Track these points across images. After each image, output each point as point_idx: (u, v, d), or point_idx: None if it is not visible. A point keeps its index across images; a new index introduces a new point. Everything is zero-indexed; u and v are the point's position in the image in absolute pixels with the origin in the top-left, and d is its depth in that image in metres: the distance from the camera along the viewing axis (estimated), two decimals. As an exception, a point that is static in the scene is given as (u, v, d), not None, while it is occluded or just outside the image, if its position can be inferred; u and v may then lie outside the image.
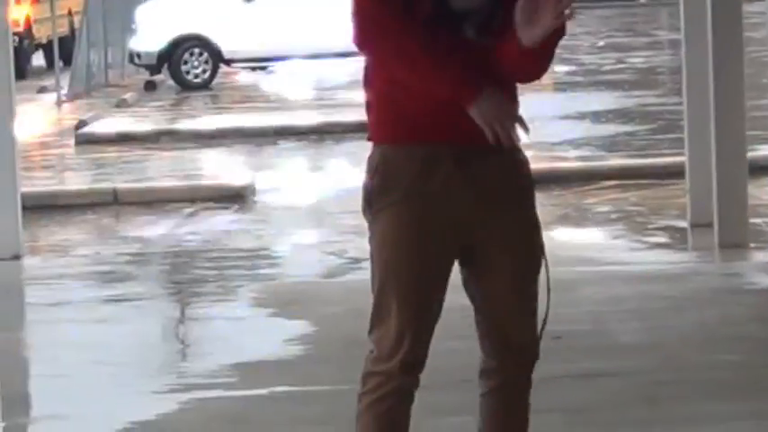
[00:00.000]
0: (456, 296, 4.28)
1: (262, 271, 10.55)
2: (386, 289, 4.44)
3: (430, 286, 4.45)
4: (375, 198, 4.33)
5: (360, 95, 4.34)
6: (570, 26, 6.30)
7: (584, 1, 36.88)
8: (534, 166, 5.88)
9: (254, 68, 23.79)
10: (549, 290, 4.56)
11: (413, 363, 4.43)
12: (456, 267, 4.40)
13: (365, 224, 4.29)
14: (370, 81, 4.32)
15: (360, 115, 4.89)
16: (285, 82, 23.03)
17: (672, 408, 6.23)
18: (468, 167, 4.35)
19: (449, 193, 4.35)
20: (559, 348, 6.70)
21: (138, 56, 23.25)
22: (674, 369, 6.91)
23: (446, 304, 4.25)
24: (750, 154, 10.47)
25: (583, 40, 29.79)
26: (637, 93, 21.16)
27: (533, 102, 6.84)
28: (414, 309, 4.46)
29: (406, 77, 4.28)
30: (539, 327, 4.50)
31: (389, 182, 4.32)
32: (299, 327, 8.32)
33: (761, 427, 6.06)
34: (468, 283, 4.43)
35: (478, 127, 4.30)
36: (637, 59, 25.79)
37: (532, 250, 4.51)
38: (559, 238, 10.90)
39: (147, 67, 23.70)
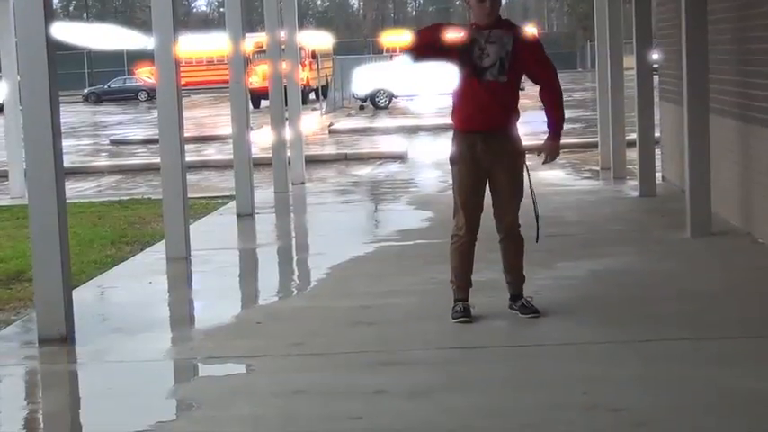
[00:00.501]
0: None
1: (411, 189, 16.34)
2: (457, 195, 7.77)
3: (473, 195, 7.72)
4: (453, 156, 7.79)
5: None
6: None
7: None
8: (531, 143, 11.30)
9: (407, 99, 41.09)
10: (536, 211, 7.98)
11: (471, 230, 7.77)
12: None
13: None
14: (453, 105, 7.84)
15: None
16: (421, 105, 37.12)
17: (593, 249, 10.59)
18: (490, 142, 7.68)
19: (479, 155, 7.66)
20: (543, 224, 11.39)
21: (356, 94, 41.48)
22: (593, 232, 11.65)
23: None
24: (627, 137, 15.54)
25: None
26: (576, 110, 33.00)
27: (533, 114, 9.74)
28: (469, 206, 7.75)
29: (415, 47, 7.72)
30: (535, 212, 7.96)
31: (457, 148, 7.74)
32: (428, 214, 13.43)
33: (633, 255, 10.10)
34: (492, 196, 7.73)
35: (491, 121, 7.59)
36: (576, 95, 40.35)
37: (518, 178, 7.80)
38: (541, 174, 16.87)
39: (360, 98, 42.50)
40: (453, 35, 7.76)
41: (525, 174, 7.91)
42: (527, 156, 7.95)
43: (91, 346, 7.87)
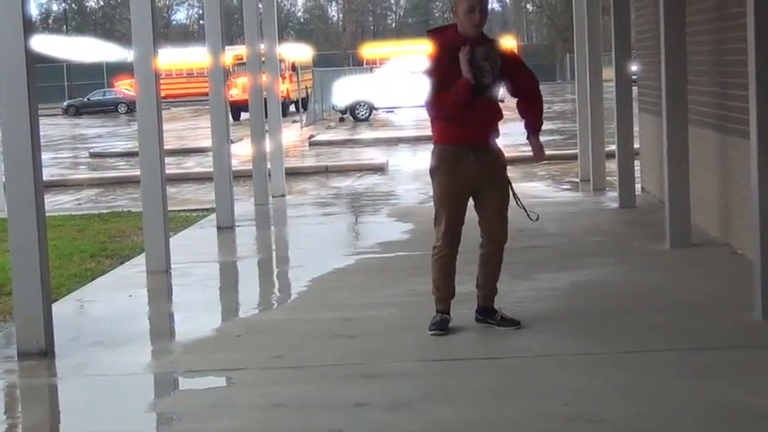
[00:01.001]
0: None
1: (391, 201, 16.30)
2: (440, 208, 7.76)
3: (457, 208, 7.70)
4: (435, 168, 7.75)
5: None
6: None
7: None
8: (510, 154, 11.33)
9: (386, 111, 41.62)
10: (520, 203, 7.95)
11: (453, 243, 7.77)
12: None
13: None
14: (432, 119, 7.80)
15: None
16: (401, 117, 37.83)
17: (574, 260, 10.53)
18: (476, 155, 7.63)
19: (467, 168, 7.63)
20: (524, 235, 11.28)
21: (336, 106, 41.51)
22: (574, 243, 11.68)
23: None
24: (606, 148, 15.56)
25: None
26: (556, 122, 32.94)
27: (513, 125, 9.56)
28: (452, 218, 7.72)
29: (448, 114, 7.57)
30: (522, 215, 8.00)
31: (441, 161, 7.71)
32: (408, 226, 13.44)
33: (614, 266, 10.14)
34: (477, 208, 7.75)
35: (481, 136, 7.64)
36: (556, 107, 41.06)
37: (505, 192, 7.77)
38: (522, 186, 17.00)
39: (341, 111, 42.79)
40: (455, 63, 7.70)
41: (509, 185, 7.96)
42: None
43: (71, 360, 7.82)
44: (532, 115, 8.00)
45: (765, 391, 6.40)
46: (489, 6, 7.79)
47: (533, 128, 7.96)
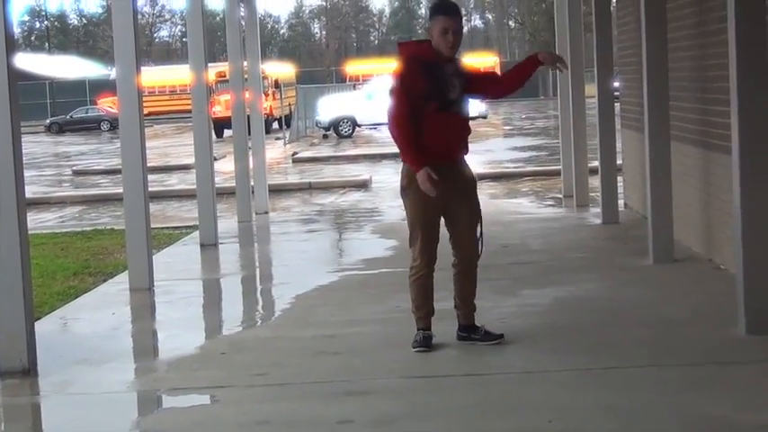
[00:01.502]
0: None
1: (375, 217, 16.31)
2: (414, 228, 7.80)
3: (431, 227, 7.73)
4: (406, 187, 7.68)
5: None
6: (509, 108, 11.12)
7: (514, 96, 67.74)
8: (494, 171, 11.44)
9: (370, 128, 41.87)
10: (481, 229, 7.77)
11: (430, 261, 7.77)
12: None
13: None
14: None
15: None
16: (384, 134, 35.45)
17: (557, 276, 10.56)
18: (446, 172, 7.56)
19: (442, 185, 7.52)
20: (508, 251, 11.83)
21: (319, 123, 41.87)
22: (557, 259, 11.65)
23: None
24: (588, 164, 15.61)
25: (515, 115, 50.01)
26: (539, 138, 33.35)
27: (496, 142, 9.46)
28: (427, 237, 7.73)
29: (399, 144, 7.53)
30: (479, 245, 7.73)
31: (412, 180, 7.61)
32: (392, 242, 13.40)
33: (597, 282, 10.15)
34: (447, 226, 7.72)
35: (450, 152, 7.58)
36: (539, 123, 41.52)
37: (475, 210, 7.76)
38: (505, 203, 17.19)
39: (324, 128, 42.91)
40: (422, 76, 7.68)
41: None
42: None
43: (54, 379, 7.79)
44: (522, 71, 8.00)
45: (748, 406, 6.41)
46: (465, 26, 7.97)
47: (533, 63, 7.98)
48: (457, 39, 7.70)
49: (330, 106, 43.47)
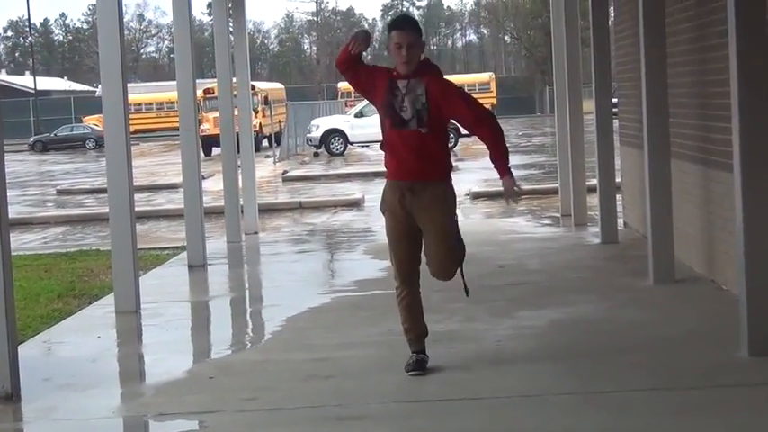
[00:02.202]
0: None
1: (367, 237, 16.42)
2: (390, 247, 7.86)
3: (400, 245, 7.77)
4: (380, 206, 7.94)
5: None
6: (505, 125, 11.02)
7: (510, 113, 71.57)
8: (489, 189, 11.33)
9: (362, 146, 42.28)
10: (462, 254, 7.76)
11: (405, 281, 7.80)
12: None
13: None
14: (384, 157, 7.85)
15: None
16: (377, 151, 35.63)
17: (555, 297, 10.59)
18: (414, 192, 7.66)
19: (405, 204, 7.68)
20: (504, 272, 11.85)
21: (311, 140, 42.08)
22: (555, 280, 11.68)
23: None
24: (586, 183, 15.69)
25: (511, 132, 49.08)
26: (536, 155, 33.72)
27: (486, 160, 9.37)
28: (399, 257, 7.80)
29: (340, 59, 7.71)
30: (452, 267, 7.68)
31: (383, 199, 7.86)
32: (385, 263, 12.62)
33: (596, 303, 10.20)
34: (423, 245, 7.74)
35: (415, 171, 7.59)
36: (536, 140, 42.46)
37: (440, 231, 7.65)
38: (501, 222, 17.21)
39: (315, 145, 43.00)
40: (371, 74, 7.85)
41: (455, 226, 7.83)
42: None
43: (38, 404, 7.77)
44: (490, 147, 7.76)
45: (750, 430, 6.40)
46: (459, 42, 7.90)
47: (496, 164, 7.76)
48: (411, 53, 7.63)
49: (321, 123, 43.58)
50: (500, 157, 7.75)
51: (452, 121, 7.90)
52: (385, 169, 7.98)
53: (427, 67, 7.80)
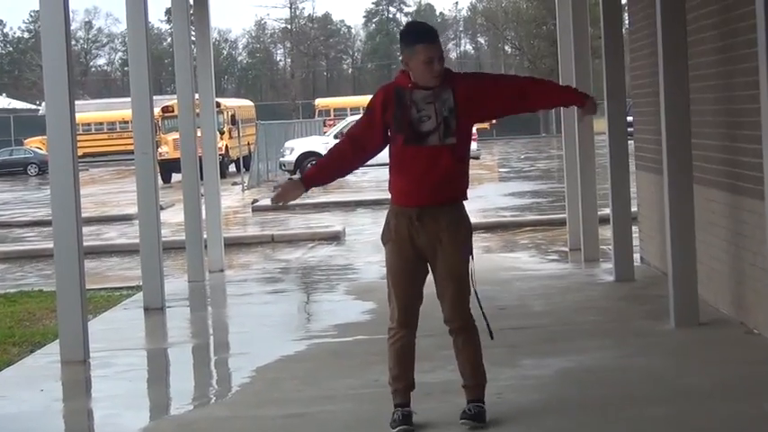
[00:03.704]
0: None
1: (349, 275, 16.41)
2: (389, 283, 7.81)
3: (403, 281, 7.73)
4: (383, 235, 7.84)
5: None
6: (506, 147, 11.01)
7: (512, 134, 75.03)
8: (488, 220, 11.29)
9: None
10: (475, 289, 7.75)
11: (405, 323, 7.74)
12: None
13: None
14: (389, 180, 7.82)
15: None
16: (359, 177, 37.93)
17: (563, 343, 10.55)
18: (428, 218, 7.64)
19: (414, 233, 7.65)
20: (504, 315, 11.78)
21: (284, 164, 42.16)
22: (562, 324, 11.67)
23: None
24: (598, 213, 15.78)
25: (513, 155, 51.35)
26: (540, 182, 33.86)
27: (490, 186, 9.29)
28: (396, 292, 7.73)
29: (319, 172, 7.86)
30: (465, 306, 7.68)
31: (387, 226, 7.79)
32: (369, 305, 13.43)
33: (610, 350, 10.15)
34: (434, 282, 7.72)
35: (428, 194, 7.53)
36: (540, 164, 42.14)
37: (454, 266, 7.65)
38: (501, 257, 17.21)
39: (289, 171, 42.75)
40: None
41: (470, 257, 7.82)
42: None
43: (-30, 468, 7.76)
44: (559, 95, 8.06)
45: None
46: (453, 52, 7.96)
47: (574, 97, 7.98)
48: (442, 66, 7.70)
49: (296, 145, 43.58)
50: (571, 91, 8.07)
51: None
52: (389, 194, 7.95)
53: (451, 73, 7.84)
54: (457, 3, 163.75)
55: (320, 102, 71.60)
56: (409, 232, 7.72)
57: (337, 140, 7.64)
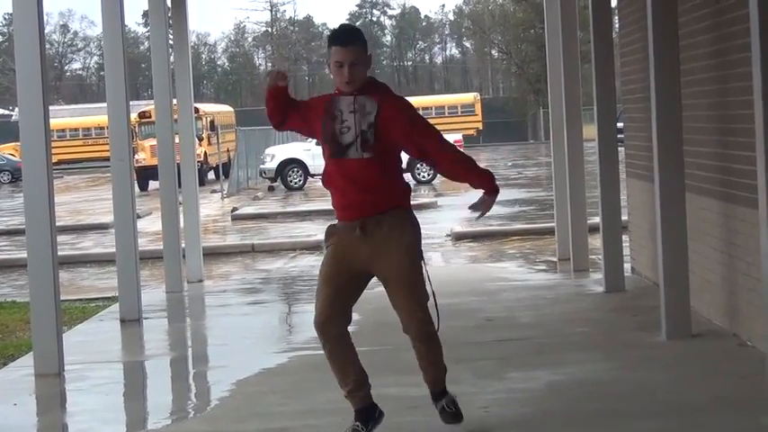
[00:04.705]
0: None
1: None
2: (318, 285, 7.80)
3: (329, 284, 7.66)
4: (325, 241, 7.88)
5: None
6: (493, 154, 11.03)
7: (499, 141, 74.83)
8: (473, 229, 11.24)
9: None
10: (434, 300, 7.72)
11: (323, 328, 7.75)
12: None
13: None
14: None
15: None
16: None
17: (552, 355, 10.48)
18: (365, 230, 7.61)
19: (352, 248, 7.64)
20: (492, 326, 11.83)
21: (265, 172, 41.91)
22: (550, 336, 11.64)
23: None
24: (588, 221, 15.77)
25: (500, 162, 51.07)
26: (529, 190, 34.17)
27: (476, 194, 9.17)
28: (319, 292, 7.71)
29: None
30: (424, 317, 7.62)
31: (325, 242, 7.87)
32: (353, 316, 13.59)
33: (600, 362, 10.15)
34: (386, 292, 7.71)
35: (362, 206, 7.53)
36: (528, 172, 42.53)
37: (404, 276, 7.58)
38: (488, 267, 17.24)
39: (270, 178, 43.03)
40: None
41: (422, 262, 7.76)
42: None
43: (-59, 485, 7.74)
44: (467, 176, 7.79)
45: None
46: (438, 56, 7.89)
47: (488, 188, 7.74)
48: (354, 72, 7.60)
49: (277, 152, 43.54)
50: (487, 181, 7.72)
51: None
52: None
53: (376, 86, 7.78)
54: (443, 6, 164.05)
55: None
56: (349, 248, 7.70)
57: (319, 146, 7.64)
